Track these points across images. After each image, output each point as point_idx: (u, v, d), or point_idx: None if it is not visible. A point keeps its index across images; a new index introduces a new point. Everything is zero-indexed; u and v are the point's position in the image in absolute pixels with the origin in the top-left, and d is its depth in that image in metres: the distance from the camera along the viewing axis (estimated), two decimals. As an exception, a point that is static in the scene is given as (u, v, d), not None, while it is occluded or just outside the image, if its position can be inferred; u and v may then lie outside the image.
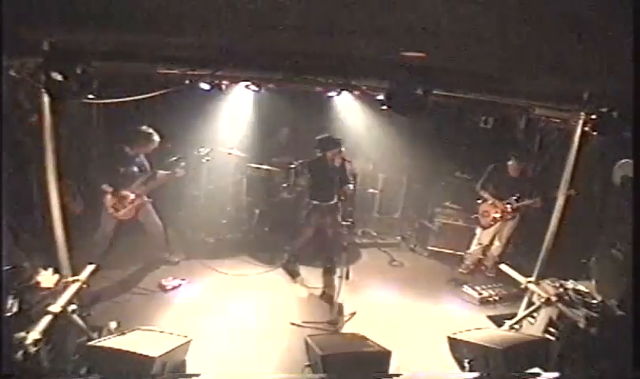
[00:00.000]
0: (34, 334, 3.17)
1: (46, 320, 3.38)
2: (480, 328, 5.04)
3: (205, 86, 5.13)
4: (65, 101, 3.71)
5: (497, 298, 5.83)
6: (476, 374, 4.14)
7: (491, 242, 6.46)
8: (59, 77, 3.13)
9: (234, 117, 7.46)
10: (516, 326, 4.82)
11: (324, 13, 2.26)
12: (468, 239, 6.72)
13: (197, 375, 3.93)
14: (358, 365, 3.93)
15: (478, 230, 6.38)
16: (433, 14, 2.06)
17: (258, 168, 7.30)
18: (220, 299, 5.35)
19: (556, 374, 3.98)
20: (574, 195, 4.91)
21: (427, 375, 4.27)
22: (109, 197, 5.29)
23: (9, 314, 3.23)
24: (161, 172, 5.68)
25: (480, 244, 6.36)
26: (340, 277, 5.10)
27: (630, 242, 3.49)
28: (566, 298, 4.38)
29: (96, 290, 4.77)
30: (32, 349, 3.10)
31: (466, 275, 6.48)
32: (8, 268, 3.63)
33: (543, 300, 4.52)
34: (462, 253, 6.79)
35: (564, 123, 4.62)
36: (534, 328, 4.70)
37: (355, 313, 5.16)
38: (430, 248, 7.26)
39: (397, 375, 4.03)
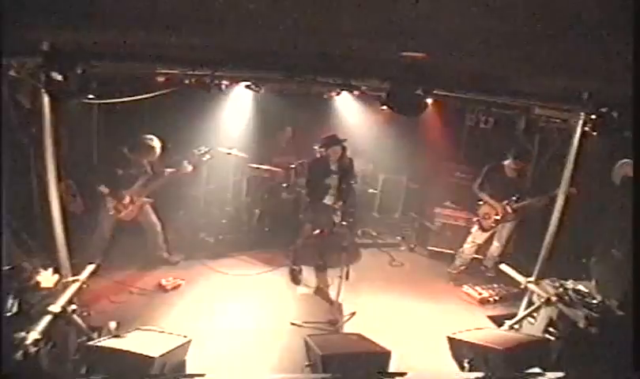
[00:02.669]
0: (34, 334, 3.16)
1: (46, 320, 3.37)
2: (480, 328, 5.05)
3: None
4: (65, 101, 3.71)
5: (497, 298, 5.83)
6: (476, 374, 4.14)
7: (490, 242, 6.44)
8: (59, 77, 3.12)
9: (234, 117, 7.45)
10: (516, 326, 4.82)
11: (324, 13, 2.26)
12: (468, 239, 6.68)
13: (197, 375, 3.93)
14: (358, 365, 3.93)
15: (474, 229, 6.32)
16: (433, 14, 2.06)
17: (258, 168, 7.30)
18: (220, 299, 5.35)
19: (556, 374, 3.98)
20: (575, 194, 4.91)
21: (427, 375, 4.27)
22: (109, 197, 5.28)
23: (9, 314, 3.23)
24: (167, 170, 5.65)
25: (474, 242, 6.33)
26: (340, 277, 5.10)
27: (630, 241, 3.49)
28: (566, 298, 4.38)
29: (95, 291, 4.78)
30: (32, 349, 3.10)
31: (456, 275, 6.38)
32: (8, 268, 3.64)
33: (543, 300, 4.52)
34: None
35: (564, 123, 4.62)
36: (534, 328, 4.70)
37: (355, 313, 5.16)
38: (430, 248, 7.25)
39: (398, 375, 4.02)
